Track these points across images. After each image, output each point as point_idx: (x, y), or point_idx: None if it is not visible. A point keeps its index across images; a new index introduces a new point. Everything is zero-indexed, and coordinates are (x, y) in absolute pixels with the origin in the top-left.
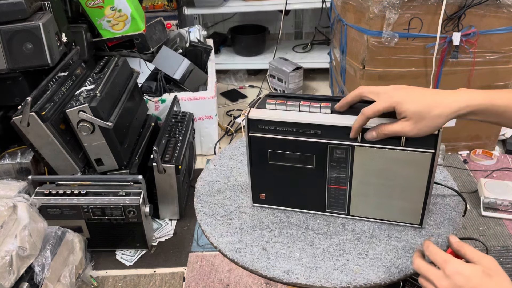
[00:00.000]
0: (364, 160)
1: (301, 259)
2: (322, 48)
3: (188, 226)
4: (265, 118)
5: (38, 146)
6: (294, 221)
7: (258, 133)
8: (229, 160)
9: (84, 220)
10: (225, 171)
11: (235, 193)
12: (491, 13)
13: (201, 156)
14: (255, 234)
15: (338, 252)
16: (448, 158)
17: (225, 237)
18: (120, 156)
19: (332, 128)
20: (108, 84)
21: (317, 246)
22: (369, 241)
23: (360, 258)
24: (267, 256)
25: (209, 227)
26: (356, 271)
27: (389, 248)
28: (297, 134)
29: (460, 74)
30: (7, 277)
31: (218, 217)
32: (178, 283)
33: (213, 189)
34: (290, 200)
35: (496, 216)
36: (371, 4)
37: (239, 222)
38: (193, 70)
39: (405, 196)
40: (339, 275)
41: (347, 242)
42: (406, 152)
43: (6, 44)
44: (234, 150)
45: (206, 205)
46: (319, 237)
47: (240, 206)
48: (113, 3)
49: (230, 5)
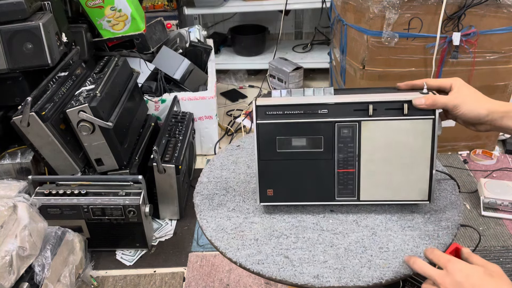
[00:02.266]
0: (370, 135)
1: (326, 262)
2: (322, 48)
3: (188, 226)
4: (272, 103)
5: (38, 146)
6: (307, 224)
7: (266, 120)
8: (220, 171)
9: (84, 220)
10: (221, 183)
11: (238, 204)
12: (491, 13)
13: (201, 156)
14: (272, 243)
15: (360, 249)
16: (448, 158)
17: (242, 250)
18: (120, 156)
19: (339, 105)
20: (108, 84)
21: (338, 246)
22: (385, 234)
23: (382, 252)
24: (291, 264)
25: (222, 242)
26: (383, 265)
27: (406, 238)
28: (304, 116)
29: (460, 74)
30: (7, 277)
31: (229, 230)
32: (178, 283)
33: (214, 203)
34: (299, 193)
35: (496, 216)
36: (371, 4)
37: (252, 233)
38: (193, 70)
39: (411, 170)
40: (368, 271)
41: (365, 238)
42: (409, 121)
43: (6, 44)
44: (223, 160)
45: (212, 220)
46: (337, 237)
47: (247, 216)
48: (113, 3)
49: (230, 5)
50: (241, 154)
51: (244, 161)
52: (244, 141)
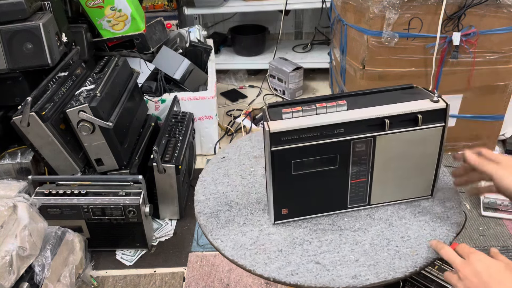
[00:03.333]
0: (384, 147)
1: (358, 260)
2: (322, 48)
3: (188, 226)
4: (288, 128)
5: (38, 146)
6: (324, 226)
7: (281, 146)
8: (215, 186)
9: (84, 220)
10: (220, 198)
11: (247, 217)
12: (491, 13)
13: (201, 156)
14: (298, 251)
15: (384, 242)
16: (448, 158)
17: (270, 264)
18: (120, 156)
19: (355, 123)
20: (108, 84)
21: (363, 243)
22: (401, 223)
23: (405, 240)
24: (325, 269)
25: (246, 260)
26: (412, 253)
27: (421, 223)
28: (320, 137)
29: (460, 74)
30: (7, 277)
31: (248, 246)
32: (178, 283)
33: (221, 220)
34: (313, 207)
35: (496, 216)
36: (371, 4)
37: (274, 245)
38: (193, 70)
39: (419, 173)
40: (400, 262)
41: (384, 231)
42: (422, 130)
43: (6, 44)
44: (213, 174)
45: (226, 238)
46: (358, 234)
47: (261, 228)
48: (113, 3)
49: (230, 5)
50: (229, 165)
51: (235, 172)
52: (228, 152)
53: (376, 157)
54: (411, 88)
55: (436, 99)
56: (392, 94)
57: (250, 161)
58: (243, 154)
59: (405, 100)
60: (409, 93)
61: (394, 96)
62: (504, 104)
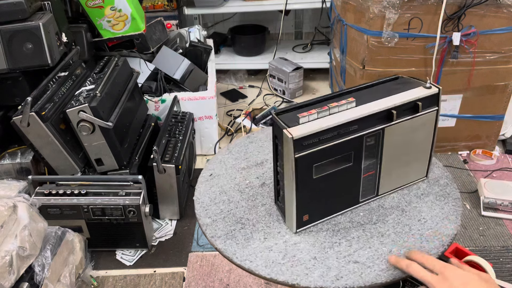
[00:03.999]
0: (391, 138)
1: (391, 251)
2: (322, 48)
3: (188, 226)
4: (309, 132)
5: (38, 146)
6: (345, 225)
7: (304, 152)
8: (216, 205)
9: (84, 220)
10: (228, 218)
11: (266, 231)
12: (491, 13)
13: (201, 156)
14: (332, 255)
15: (406, 228)
16: (448, 158)
17: (312, 274)
18: (120, 156)
19: (366, 118)
20: (108, 84)
21: (388, 233)
22: (412, 208)
23: (423, 223)
24: (366, 266)
25: (286, 275)
26: (434, 234)
27: (429, 204)
28: (338, 136)
29: (460, 74)
30: (7, 277)
31: (280, 260)
32: (178, 283)
33: (240, 240)
34: (330, 208)
35: (496, 216)
36: (371, 4)
37: (305, 253)
38: (193, 70)
39: (417, 157)
40: (428, 244)
41: (401, 217)
42: (421, 116)
43: (6, 44)
44: (209, 194)
45: (254, 257)
46: (379, 225)
47: (285, 240)
48: (113, 3)
49: (230, 5)
50: (221, 181)
51: (231, 188)
52: (212, 168)
53: (384, 149)
54: (397, 79)
55: (428, 86)
56: (385, 86)
57: (241, 174)
58: (230, 168)
59: (402, 90)
60: (401, 83)
61: (389, 88)
62: (504, 104)
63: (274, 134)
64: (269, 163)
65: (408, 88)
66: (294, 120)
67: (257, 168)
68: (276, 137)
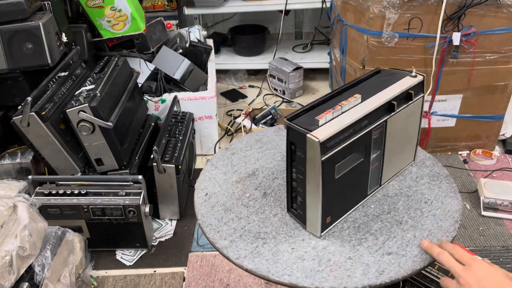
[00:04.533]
0: (392, 129)
1: (416, 236)
2: (322, 48)
3: (188, 226)
4: (332, 133)
5: (38, 146)
6: (362, 220)
7: (328, 153)
8: (226, 225)
9: (84, 220)
10: (245, 236)
11: (290, 242)
12: (491, 13)
13: (201, 156)
14: (364, 251)
15: (418, 212)
16: (448, 158)
17: (354, 275)
18: (120, 156)
19: (374, 112)
20: (108, 84)
21: (405, 220)
22: (414, 192)
23: (430, 204)
24: (401, 255)
25: (330, 281)
26: (444, 213)
27: (427, 185)
28: (353, 133)
29: (460, 74)
30: (7, 277)
31: (318, 268)
32: (178, 283)
33: (268, 255)
34: (346, 206)
35: (496, 216)
36: (371, 4)
37: (338, 256)
38: (193, 70)
39: (408, 143)
40: (444, 223)
41: (409, 203)
42: (413, 104)
43: (6, 44)
44: (214, 214)
45: (291, 271)
46: (393, 214)
47: (313, 246)
48: (113, 3)
49: (230, 5)
50: (220, 199)
51: (233, 204)
52: (205, 187)
53: (386, 139)
54: (380, 72)
55: (414, 75)
56: (374, 80)
57: (237, 188)
58: (223, 183)
59: (394, 82)
60: (387, 75)
61: (381, 81)
62: (504, 104)
63: (290, 141)
64: (261, 172)
65: (398, 79)
66: (311, 123)
67: (251, 179)
68: (292, 143)
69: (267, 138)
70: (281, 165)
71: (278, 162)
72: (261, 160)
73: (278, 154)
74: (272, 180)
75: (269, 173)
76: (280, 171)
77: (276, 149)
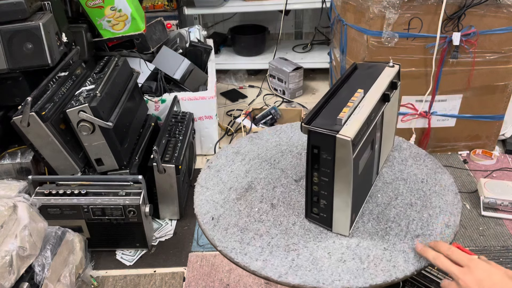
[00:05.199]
0: (385, 118)
1: (430, 215)
2: (322, 48)
3: (188, 226)
4: (357, 130)
5: (38, 146)
6: (377, 211)
7: (356, 150)
8: (248, 245)
9: (84, 220)
10: (275, 252)
11: (321, 246)
12: (491, 13)
13: (201, 156)
14: (395, 239)
15: (421, 192)
16: (448, 158)
17: (398, 264)
18: (120, 156)
19: (377, 104)
20: (108, 84)
21: (414, 202)
22: (407, 175)
23: (426, 183)
24: (428, 235)
25: (380, 276)
26: (443, 187)
27: (415, 166)
28: (367, 128)
29: (460, 74)
30: (7, 277)
31: (361, 265)
32: (178, 283)
33: (303, 263)
34: (360, 200)
35: (496, 216)
36: (371, 4)
37: (374, 249)
38: (193, 70)
39: (391, 130)
40: (447, 197)
41: (409, 185)
42: (396, 92)
43: (6, 44)
44: (233, 237)
45: (339, 276)
46: (401, 199)
47: (347, 246)
48: (113, 3)
49: (230, 5)
50: (229, 220)
51: (247, 222)
52: (207, 210)
53: (383, 129)
54: (359, 67)
55: (391, 65)
56: (359, 74)
57: (242, 205)
58: (224, 203)
59: (378, 74)
60: (369, 68)
61: (366, 74)
62: (504, 104)
63: (312, 145)
64: (257, 184)
65: (380, 70)
66: (332, 123)
67: (250, 193)
68: (315, 147)
69: (245, 149)
70: (273, 173)
71: (269, 171)
72: (251, 172)
73: (263, 163)
74: (272, 190)
75: (265, 184)
76: (276, 179)
77: (259, 158)
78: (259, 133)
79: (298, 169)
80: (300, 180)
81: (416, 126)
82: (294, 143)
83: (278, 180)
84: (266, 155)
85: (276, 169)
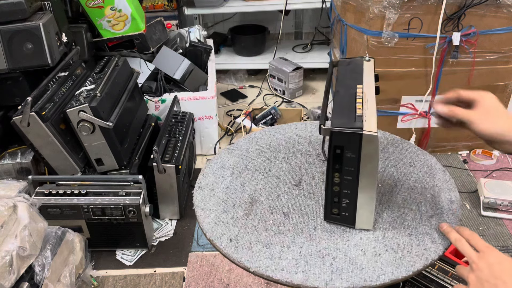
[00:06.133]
0: None
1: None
2: (322, 48)
3: (188, 226)
4: (375, 123)
5: (38, 146)
6: (384, 199)
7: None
8: (280, 260)
9: (84, 220)
10: (299, 257)
11: (348, 244)
12: (491, 13)
13: (201, 156)
14: (414, 224)
15: (415, 176)
16: (448, 158)
17: (428, 247)
18: (120, 156)
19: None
20: (108, 84)
21: (414, 186)
22: (399, 164)
23: (425, 172)
24: (439, 213)
25: (417, 262)
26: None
27: (402, 154)
28: None
29: (460, 74)
30: (7, 277)
31: (396, 255)
32: (178, 283)
33: (341, 265)
34: None
35: (496, 216)
36: (371, 4)
37: (400, 237)
38: (193, 70)
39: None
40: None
41: (402, 170)
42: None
43: (6, 44)
44: (253, 250)
45: (375, 270)
46: (400, 185)
47: (375, 239)
48: (113, 3)
49: (230, 5)
50: (249, 238)
51: (267, 236)
52: (220, 233)
53: None
54: (337, 64)
55: (368, 59)
56: (344, 71)
57: (254, 220)
58: (234, 222)
59: (361, 69)
60: (349, 64)
61: (350, 70)
62: (504, 104)
63: (335, 145)
64: (260, 196)
65: (360, 65)
66: (351, 121)
67: (257, 205)
68: (338, 147)
69: (228, 162)
70: (269, 182)
71: (265, 180)
72: (247, 184)
73: (255, 173)
74: (277, 199)
75: (268, 194)
76: (275, 188)
77: (249, 169)
78: (235, 144)
79: (293, 174)
80: (299, 183)
81: (416, 126)
82: (275, 148)
83: (278, 188)
84: (253, 165)
85: (271, 177)
